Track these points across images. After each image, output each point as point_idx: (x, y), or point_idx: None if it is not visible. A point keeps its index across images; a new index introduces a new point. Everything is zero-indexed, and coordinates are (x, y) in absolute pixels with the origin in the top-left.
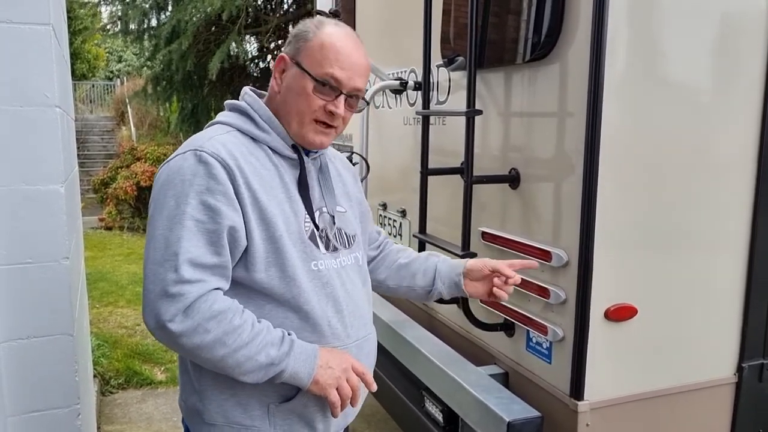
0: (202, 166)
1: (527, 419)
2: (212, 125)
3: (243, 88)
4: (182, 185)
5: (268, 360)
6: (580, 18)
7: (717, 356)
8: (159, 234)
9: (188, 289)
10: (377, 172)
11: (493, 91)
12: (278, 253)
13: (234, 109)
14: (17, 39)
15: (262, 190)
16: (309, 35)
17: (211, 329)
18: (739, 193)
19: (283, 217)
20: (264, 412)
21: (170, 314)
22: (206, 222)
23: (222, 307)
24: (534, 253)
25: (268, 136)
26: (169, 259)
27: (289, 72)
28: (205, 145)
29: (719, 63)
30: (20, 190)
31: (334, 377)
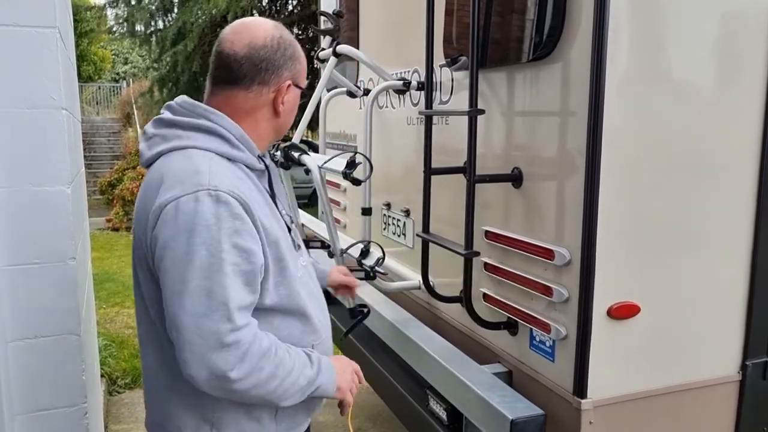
0: (224, 207)
1: (531, 417)
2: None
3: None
4: (209, 231)
5: (306, 381)
6: (581, 17)
7: (720, 354)
8: (195, 285)
9: (243, 335)
10: (381, 172)
11: (495, 90)
12: (284, 272)
13: (201, 130)
14: (24, 42)
15: (262, 214)
16: (299, 55)
17: (265, 366)
18: (742, 190)
19: (279, 235)
20: (272, 416)
21: (231, 363)
22: (241, 264)
23: (268, 343)
24: (537, 252)
25: (243, 154)
26: (218, 309)
27: (290, 94)
28: (215, 182)
29: (721, 61)
30: (27, 191)
31: (348, 381)
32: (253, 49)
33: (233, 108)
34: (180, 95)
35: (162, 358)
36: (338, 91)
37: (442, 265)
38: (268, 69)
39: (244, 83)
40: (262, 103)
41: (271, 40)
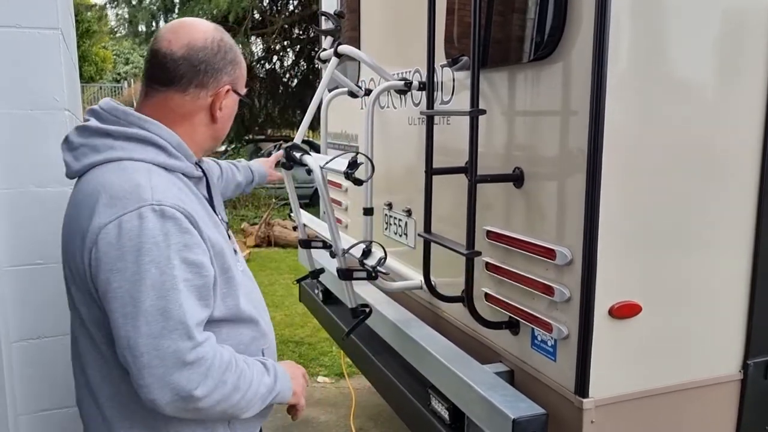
0: (171, 223)
1: (532, 416)
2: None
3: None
4: (157, 249)
5: (266, 390)
6: (582, 17)
7: (722, 353)
8: (149, 305)
9: (205, 351)
10: (382, 172)
11: (496, 90)
12: (229, 282)
13: (136, 140)
14: (26, 43)
15: (203, 224)
16: (240, 61)
17: (228, 380)
18: (744, 188)
19: (224, 245)
20: (225, 426)
21: (195, 382)
22: (193, 279)
23: (229, 356)
24: (538, 252)
25: (181, 163)
26: (176, 329)
27: (228, 100)
28: (158, 196)
29: (722, 60)
30: (30, 192)
31: (302, 385)
32: (192, 50)
33: (168, 111)
34: (105, 99)
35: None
36: (339, 92)
37: (443, 265)
38: (207, 72)
39: (181, 85)
40: (199, 108)
41: (211, 42)
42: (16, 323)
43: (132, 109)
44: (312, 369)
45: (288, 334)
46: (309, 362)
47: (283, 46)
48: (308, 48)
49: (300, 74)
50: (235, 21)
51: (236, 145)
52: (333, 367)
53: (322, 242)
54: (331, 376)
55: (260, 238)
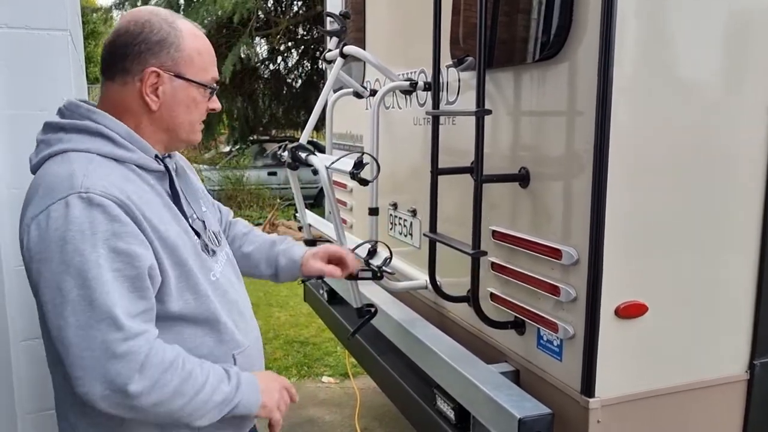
0: (98, 210)
1: (538, 416)
2: (58, 155)
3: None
4: (82, 237)
5: (223, 398)
6: (589, 17)
7: (728, 353)
8: (75, 295)
9: (137, 344)
10: (387, 172)
11: (502, 90)
12: (188, 276)
13: (78, 130)
14: (36, 44)
15: (154, 216)
16: (176, 41)
17: (169, 381)
18: (750, 190)
19: (180, 239)
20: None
21: (126, 376)
22: (124, 269)
23: (173, 355)
24: (544, 251)
25: (133, 154)
26: (102, 319)
27: (167, 86)
28: (87, 184)
29: (729, 61)
30: None
31: (275, 399)
32: (116, 35)
33: (110, 102)
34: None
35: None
36: (345, 92)
37: (448, 265)
38: (127, 55)
39: (110, 73)
40: (131, 95)
41: (134, 25)
42: (22, 323)
43: (86, 104)
44: (316, 369)
45: (293, 335)
46: (314, 362)
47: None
48: (312, 49)
49: (304, 75)
50: (240, 22)
51: (240, 146)
52: (338, 367)
53: (328, 242)
54: (336, 376)
55: None
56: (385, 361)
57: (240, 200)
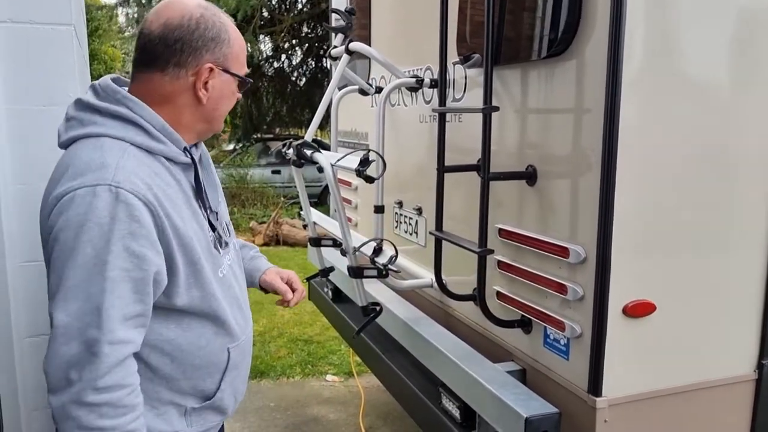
0: (122, 207)
1: (545, 415)
2: (94, 138)
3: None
4: (99, 230)
5: None
6: (597, 13)
7: (736, 353)
8: (73, 285)
9: (114, 351)
10: (393, 169)
11: (509, 87)
12: (197, 274)
13: (114, 116)
14: (40, 39)
15: (176, 215)
16: (226, 39)
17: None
18: (759, 187)
19: (196, 238)
20: (181, 415)
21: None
22: (132, 270)
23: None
24: (551, 250)
25: (165, 147)
26: (89, 313)
27: (216, 80)
28: (119, 178)
29: (738, 59)
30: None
31: None
32: (167, 28)
33: (150, 93)
34: (106, 76)
35: None
36: (350, 89)
37: (454, 263)
38: (183, 50)
39: (159, 65)
40: (181, 88)
41: (188, 20)
42: (27, 319)
43: (124, 90)
44: (321, 367)
45: (297, 333)
46: (318, 360)
47: (291, 44)
48: (317, 46)
49: (308, 73)
50: (244, 19)
51: (244, 144)
52: (342, 366)
53: (332, 240)
54: (340, 374)
55: (269, 236)
56: (390, 360)
57: (244, 198)
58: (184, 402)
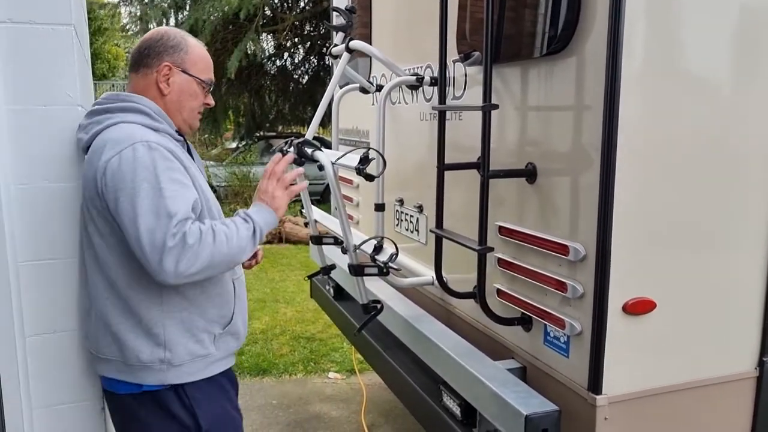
0: (156, 152)
1: (545, 413)
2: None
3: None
4: (147, 170)
5: (249, 231)
6: (597, 10)
7: (737, 350)
8: (145, 209)
9: (181, 226)
10: (394, 167)
11: (509, 85)
12: (210, 213)
13: (124, 110)
14: (40, 39)
15: (188, 165)
16: (185, 48)
17: (213, 240)
18: (759, 184)
19: (205, 186)
20: (211, 339)
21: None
22: (178, 189)
23: (206, 226)
24: (551, 247)
25: (164, 125)
26: (163, 222)
27: (176, 77)
28: (146, 137)
29: (738, 55)
30: (44, 188)
31: (280, 194)
32: (142, 42)
33: (133, 90)
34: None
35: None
36: (351, 87)
37: (455, 261)
38: (149, 54)
39: (135, 68)
40: (149, 83)
41: (156, 33)
42: (30, 318)
43: (121, 93)
44: (323, 365)
45: (299, 330)
46: (320, 358)
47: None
48: (319, 44)
49: (311, 71)
50: (246, 17)
51: (247, 142)
52: (344, 363)
53: (334, 238)
54: (342, 372)
55: (271, 234)
56: (391, 357)
57: (247, 196)
58: (213, 329)
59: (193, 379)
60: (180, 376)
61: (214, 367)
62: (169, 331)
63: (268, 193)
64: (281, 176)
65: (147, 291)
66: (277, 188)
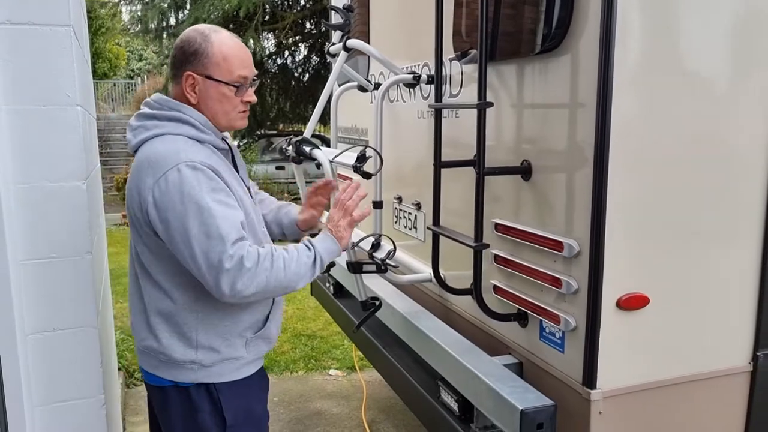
0: (200, 173)
1: (540, 407)
2: (158, 138)
3: (157, 97)
4: (194, 191)
5: (310, 260)
6: (590, 8)
7: (731, 345)
8: (197, 231)
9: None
10: (391, 165)
11: (504, 83)
12: (250, 225)
13: (169, 119)
14: (39, 40)
15: (231, 182)
16: (205, 51)
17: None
18: (753, 181)
19: (246, 198)
20: (243, 343)
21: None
22: (225, 210)
23: (265, 252)
24: (546, 244)
25: (209, 137)
26: (217, 243)
27: (201, 85)
28: (189, 156)
29: (732, 52)
30: (44, 187)
31: (344, 225)
32: (173, 50)
33: (173, 97)
34: (155, 94)
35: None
36: (349, 86)
37: (452, 258)
38: (174, 64)
39: (170, 77)
40: (179, 93)
41: (180, 41)
42: (31, 316)
43: (171, 99)
44: (324, 362)
45: (300, 328)
46: (321, 355)
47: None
48: (320, 42)
49: (312, 69)
50: (246, 16)
51: (248, 140)
52: (345, 360)
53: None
54: (343, 369)
55: None
56: (390, 354)
57: None
58: (245, 333)
59: (223, 380)
60: (210, 376)
61: (244, 370)
62: (201, 335)
63: (333, 221)
64: (347, 205)
65: (185, 299)
66: (343, 218)
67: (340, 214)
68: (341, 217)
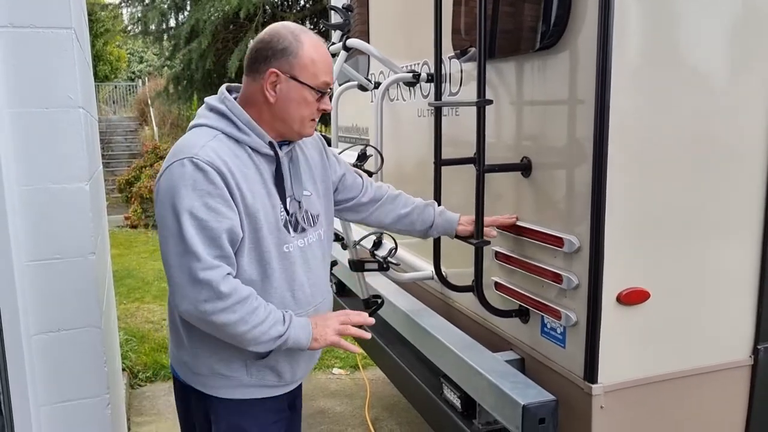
0: (201, 173)
1: (542, 403)
2: (198, 127)
3: (222, 89)
4: (186, 190)
5: (277, 334)
6: (587, 5)
7: (732, 338)
8: (174, 231)
9: (213, 275)
10: (392, 163)
11: (504, 80)
12: (258, 242)
13: (216, 111)
14: (41, 43)
15: (247, 188)
16: (294, 50)
17: (237, 310)
18: (752, 175)
19: (263, 211)
20: (242, 365)
21: (203, 298)
22: (210, 221)
23: (246, 293)
24: (546, 240)
25: (248, 137)
26: (190, 251)
27: (283, 85)
28: (200, 153)
29: (730, 47)
30: (47, 189)
31: (330, 329)
32: (254, 44)
33: (244, 94)
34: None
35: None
36: (349, 85)
37: (454, 255)
38: (257, 59)
39: (246, 71)
40: (256, 90)
41: (268, 35)
42: (35, 317)
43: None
44: (327, 361)
45: None
46: (324, 354)
47: None
48: None
49: None
50: (246, 17)
51: None
52: (348, 359)
53: (334, 234)
54: (346, 367)
55: None
56: (393, 352)
57: None
58: (245, 356)
59: (218, 395)
60: (204, 386)
61: (245, 391)
62: (193, 337)
63: (323, 319)
64: (346, 321)
65: None
66: (333, 324)
67: (334, 322)
68: (333, 323)
